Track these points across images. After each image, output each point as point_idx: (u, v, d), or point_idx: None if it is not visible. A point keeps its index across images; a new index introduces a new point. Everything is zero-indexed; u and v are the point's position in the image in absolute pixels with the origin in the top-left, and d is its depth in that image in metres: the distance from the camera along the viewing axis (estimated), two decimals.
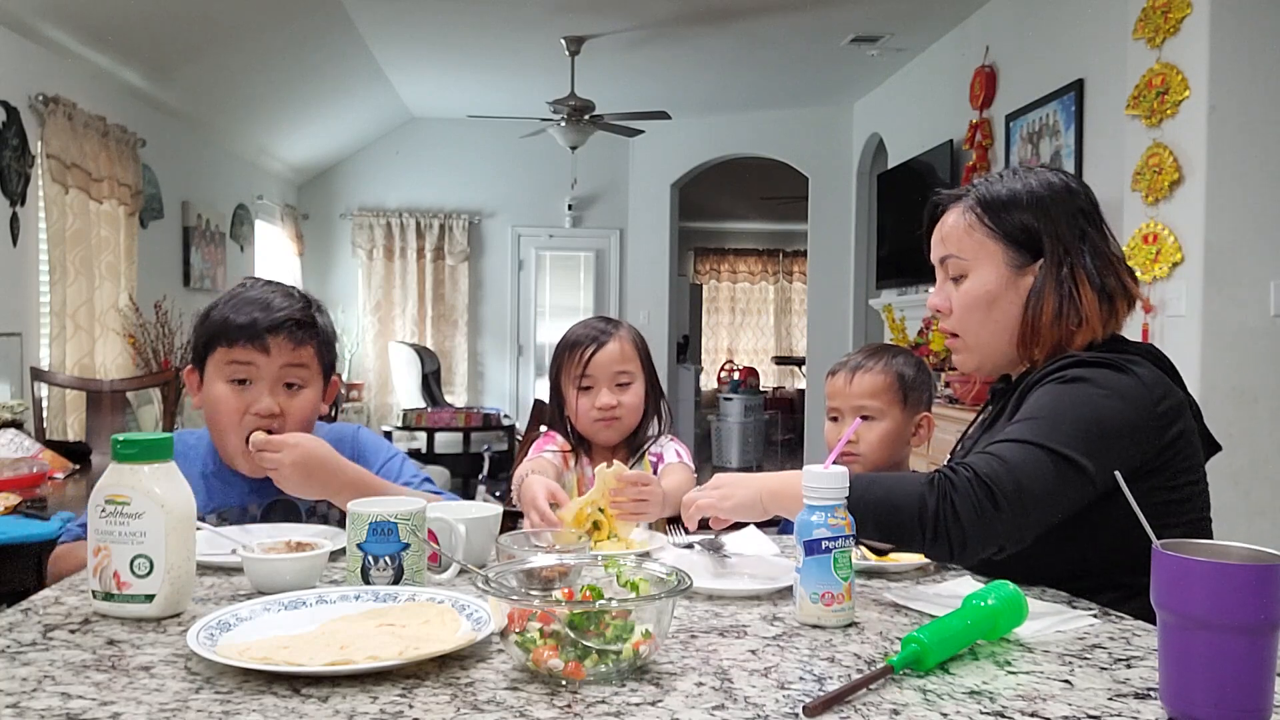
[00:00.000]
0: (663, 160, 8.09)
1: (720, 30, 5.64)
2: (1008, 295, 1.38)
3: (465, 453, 6.28)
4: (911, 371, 1.80)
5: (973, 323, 1.41)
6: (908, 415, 1.79)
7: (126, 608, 1.05)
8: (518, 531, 1.37)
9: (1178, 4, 3.15)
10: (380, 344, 8.11)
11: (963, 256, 1.40)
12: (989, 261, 1.38)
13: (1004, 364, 1.44)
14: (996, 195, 1.39)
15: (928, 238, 1.48)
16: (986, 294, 1.39)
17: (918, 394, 1.80)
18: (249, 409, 1.50)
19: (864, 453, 1.76)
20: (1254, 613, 0.77)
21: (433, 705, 0.81)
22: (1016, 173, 1.41)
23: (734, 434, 8.92)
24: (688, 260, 13.18)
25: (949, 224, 1.43)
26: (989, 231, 1.38)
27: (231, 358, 1.50)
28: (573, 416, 1.84)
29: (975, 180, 1.45)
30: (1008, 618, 1.00)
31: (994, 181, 1.42)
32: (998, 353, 1.42)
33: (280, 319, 1.51)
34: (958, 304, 1.42)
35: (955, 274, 1.42)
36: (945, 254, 1.43)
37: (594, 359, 1.80)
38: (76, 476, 2.98)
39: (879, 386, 1.77)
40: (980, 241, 1.39)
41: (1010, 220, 1.38)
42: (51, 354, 4.25)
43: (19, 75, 4.02)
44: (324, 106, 6.97)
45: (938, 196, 1.48)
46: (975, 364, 1.45)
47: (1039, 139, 4.45)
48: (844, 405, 1.79)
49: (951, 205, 1.44)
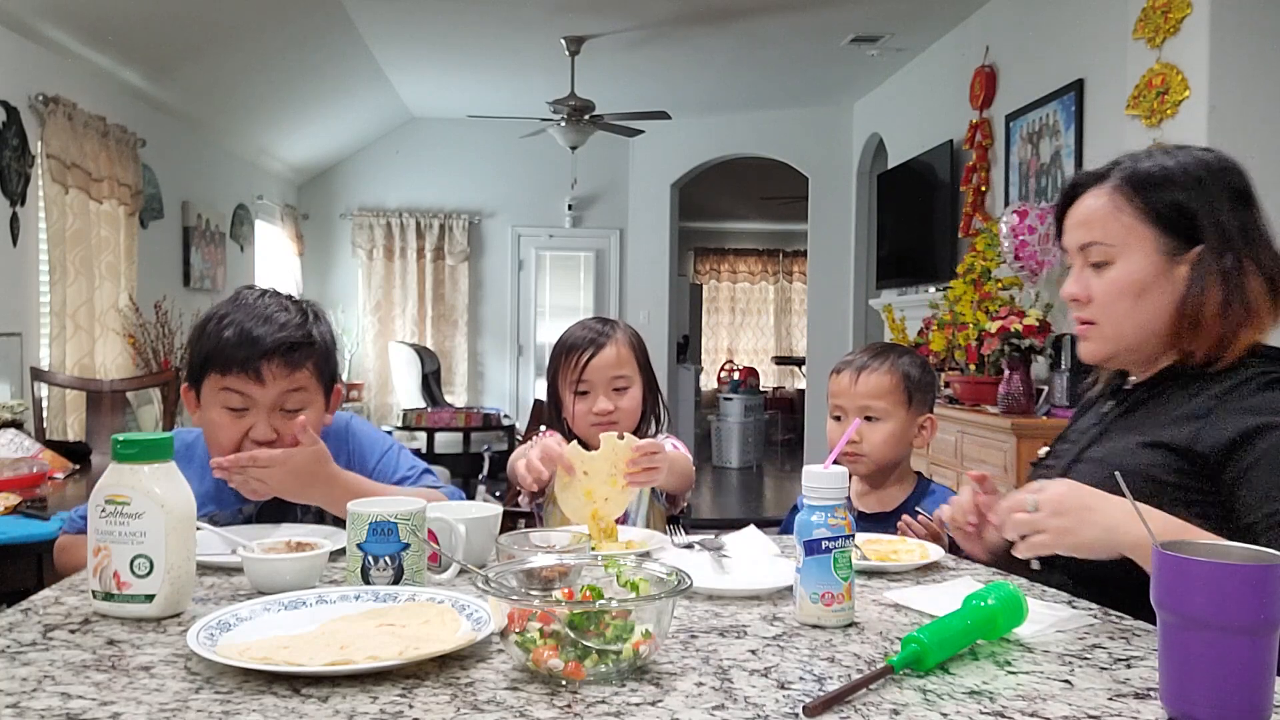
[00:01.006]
0: (663, 160, 8.08)
1: (720, 30, 5.64)
2: (1159, 284, 1.26)
3: (465, 453, 6.28)
4: (917, 372, 1.79)
5: (1117, 313, 1.29)
6: (912, 416, 1.78)
7: (126, 608, 1.05)
8: (518, 531, 1.37)
9: (1178, 4, 3.15)
10: (380, 344, 8.11)
11: (1108, 242, 1.28)
12: (1138, 247, 1.26)
13: (1142, 357, 1.32)
14: (1147, 173, 1.27)
15: (1059, 222, 1.37)
16: (1135, 283, 1.27)
17: (922, 395, 1.79)
18: (246, 435, 1.48)
19: (867, 453, 1.75)
20: (1254, 613, 0.77)
21: (433, 705, 0.81)
22: (1167, 150, 1.29)
23: (734, 434, 8.93)
24: (688, 260, 13.18)
25: (1091, 207, 1.30)
26: (1139, 214, 1.26)
27: (225, 385, 1.47)
28: (570, 420, 1.82)
29: (1120, 159, 1.32)
30: (1007, 618, 1.00)
31: (1142, 159, 1.30)
32: (1138, 345, 1.30)
33: (272, 345, 1.46)
34: (1101, 292, 1.30)
35: (1098, 260, 1.30)
36: (1087, 240, 1.30)
37: (590, 364, 1.78)
38: (76, 476, 2.98)
39: (885, 387, 1.76)
40: (1129, 225, 1.27)
41: (1163, 200, 1.25)
42: (51, 354, 4.25)
43: (19, 75, 4.02)
44: (324, 106, 6.97)
45: (1078, 176, 1.35)
46: (1107, 354, 1.33)
47: (1039, 139, 4.45)
48: (848, 405, 1.78)
49: (1092, 187, 1.31)
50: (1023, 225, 3.96)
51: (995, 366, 4.02)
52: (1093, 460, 1.31)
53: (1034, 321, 3.83)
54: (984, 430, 3.85)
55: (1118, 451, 1.27)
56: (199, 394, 1.52)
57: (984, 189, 4.92)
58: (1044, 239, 3.95)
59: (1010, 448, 3.64)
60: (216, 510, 1.54)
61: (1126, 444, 1.27)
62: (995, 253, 4.31)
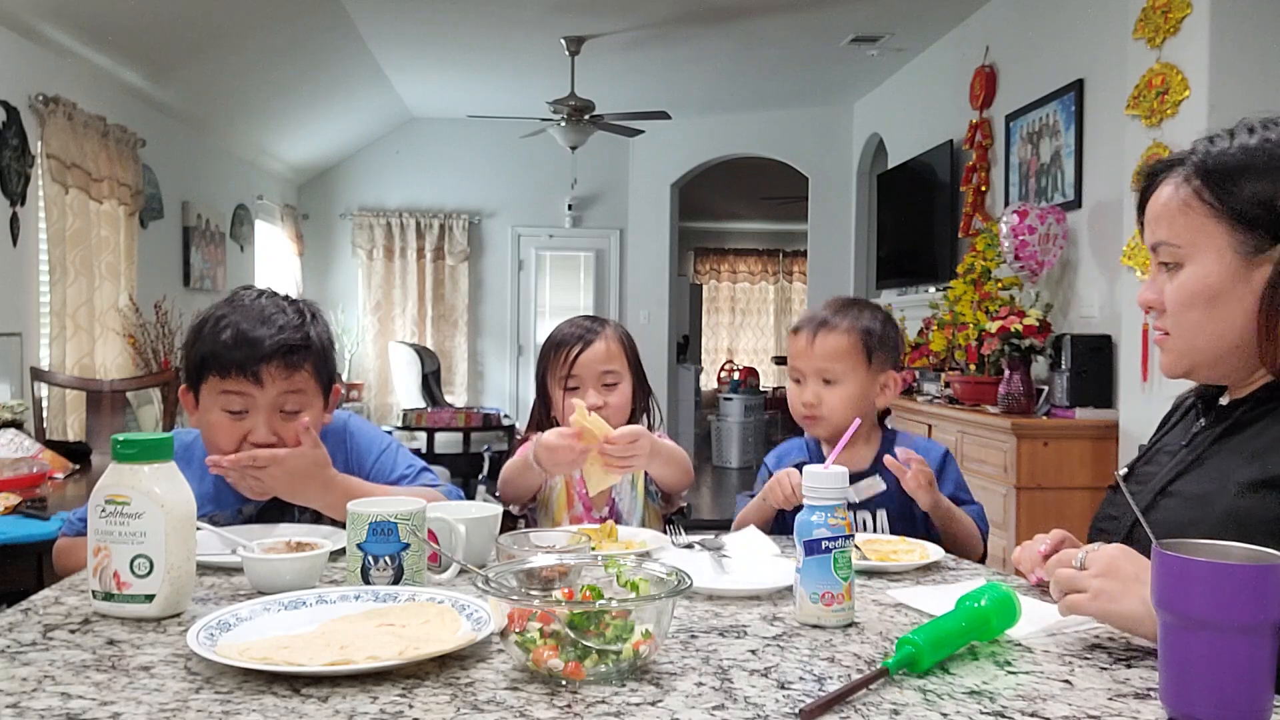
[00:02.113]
0: (663, 160, 8.08)
1: (720, 30, 5.64)
2: (1236, 290, 1.09)
3: (465, 453, 6.28)
4: (878, 327, 1.71)
5: (1189, 323, 1.13)
6: (872, 375, 1.70)
7: (126, 608, 1.05)
8: (518, 531, 1.37)
9: (1178, 4, 3.15)
10: (380, 344, 8.11)
11: (1175, 243, 1.12)
12: (1210, 247, 1.10)
13: (1227, 372, 1.15)
14: (1222, 163, 1.10)
15: (1140, 215, 1.20)
16: (1207, 288, 1.10)
17: (884, 352, 1.71)
18: (246, 437, 1.48)
19: (825, 416, 1.69)
20: (1254, 613, 0.76)
21: (433, 705, 0.81)
22: (1253, 129, 1.11)
23: (734, 434, 8.93)
24: (688, 260, 13.18)
25: (1161, 200, 1.14)
26: (1210, 210, 1.09)
27: (224, 388, 1.47)
28: (559, 417, 1.80)
29: (1197, 142, 1.15)
30: (1000, 618, 1.00)
31: (1220, 139, 1.13)
32: (1216, 359, 1.14)
33: (271, 348, 1.46)
34: (1171, 299, 1.14)
35: (1167, 261, 1.14)
36: (1156, 240, 1.15)
37: (580, 359, 1.77)
38: (76, 476, 2.98)
39: (842, 348, 1.68)
40: (1199, 223, 1.10)
41: (1241, 194, 1.08)
42: (51, 354, 4.25)
43: (19, 75, 4.02)
44: (324, 106, 6.97)
45: (1153, 164, 1.19)
46: (1186, 368, 1.17)
47: (1039, 139, 4.45)
48: (805, 367, 1.71)
49: (1166, 176, 1.15)
50: (1023, 225, 3.96)
51: (995, 366, 4.02)
52: (1182, 496, 1.14)
53: (1034, 321, 3.83)
54: (984, 430, 3.85)
55: (1216, 490, 1.09)
56: (197, 396, 1.52)
57: (984, 189, 4.92)
58: (1044, 239, 3.95)
59: (1010, 448, 3.64)
60: (216, 510, 1.54)
61: (1224, 483, 1.08)
62: (995, 253, 4.31)
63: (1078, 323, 4.05)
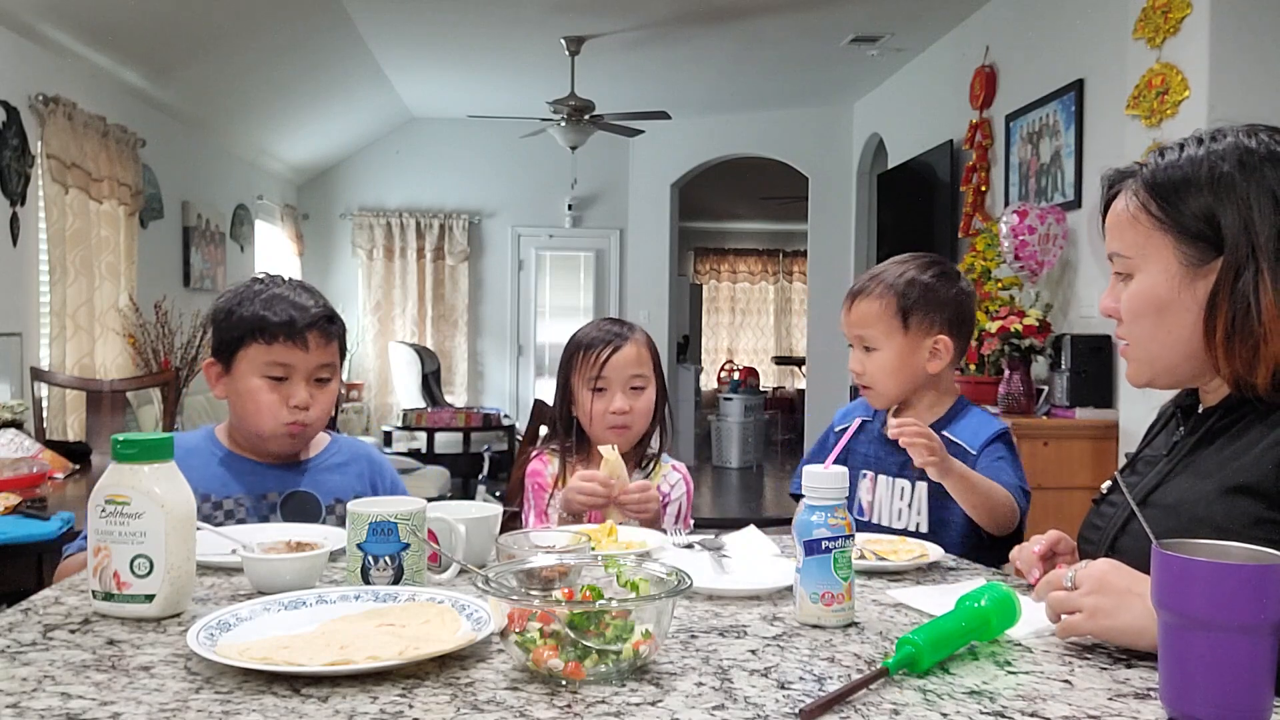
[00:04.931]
0: (663, 160, 8.08)
1: (720, 30, 5.63)
2: (1182, 299, 1.11)
3: (465, 453, 6.29)
4: (920, 284, 1.62)
5: (1141, 332, 1.16)
6: (913, 339, 1.63)
7: (126, 608, 1.05)
8: (518, 531, 1.37)
9: (1178, 4, 3.15)
10: (380, 344, 8.11)
11: (1127, 254, 1.15)
12: (1157, 258, 1.12)
13: (1180, 380, 1.18)
14: (1168, 176, 1.11)
15: (1103, 225, 1.22)
16: (1156, 299, 1.13)
17: (924, 313, 1.62)
18: (286, 402, 1.56)
19: (871, 385, 1.67)
20: (1254, 613, 0.76)
21: (433, 705, 0.81)
22: (1201, 140, 1.12)
23: (734, 434, 8.92)
24: (688, 260, 13.18)
25: (1116, 211, 1.17)
26: (1157, 222, 1.11)
27: (271, 356, 1.56)
28: (583, 419, 1.78)
29: (1152, 154, 1.17)
30: (1000, 619, 1.00)
31: (1170, 150, 1.14)
32: (1171, 367, 1.16)
33: (314, 316, 1.58)
34: (1125, 308, 1.17)
35: (1121, 271, 1.17)
36: (1111, 249, 1.18)
37: (610, 361, 1.74)
38: (76, 476, 2.98)
39: (874, 314, 1.64)
40: (1147, 235, 1.12)
41: (1185, 207, 1.10)
42: (51, 354, 4.25)
43: (19, 75, 4.02)
44: (324, 106, 6.97)
45: (1112, 174, 1.21)
46: (1147, 378, 1.18)
47: (1039, 139, 4.45)
48: (849, 335, 1.68)
49: (1121, 186, 1.17)
50: (1023, 225, 3.96)
51: (995, 366, 4.02)
52: (1162, 507, 1.14)
53: (1034, 321, 3.83)
54: None
55: (1191, 499, 1.10)
56: (228, 367, 1.58)
57: (984, 189, 4.93)
58: (1044, 239, 3.95)
59: None
60: (244, 494, 1.58)
61: (1202, 490, 1.09)
62: (995, 253, 4.31)
63: (1078, 323, 4.05)
